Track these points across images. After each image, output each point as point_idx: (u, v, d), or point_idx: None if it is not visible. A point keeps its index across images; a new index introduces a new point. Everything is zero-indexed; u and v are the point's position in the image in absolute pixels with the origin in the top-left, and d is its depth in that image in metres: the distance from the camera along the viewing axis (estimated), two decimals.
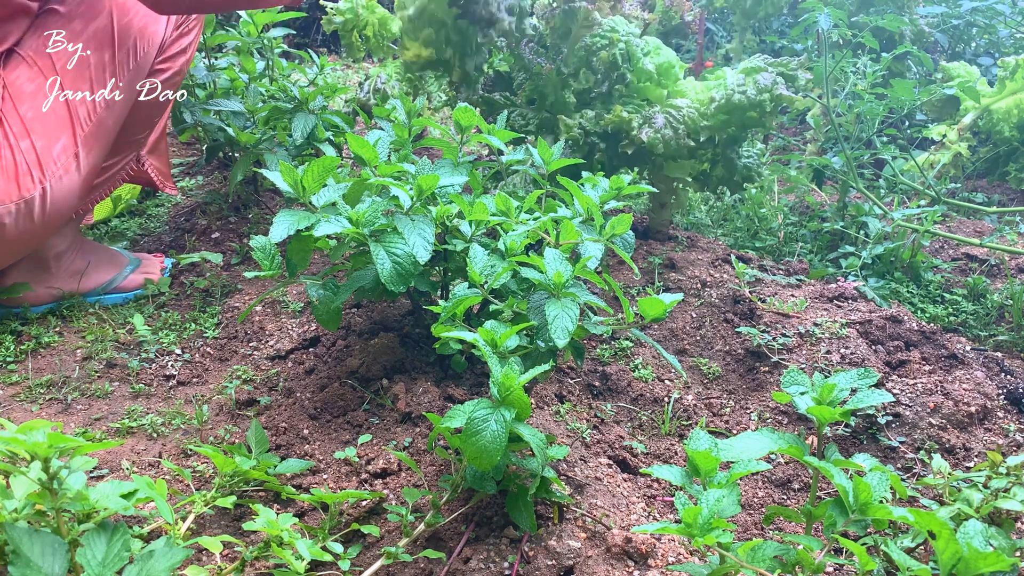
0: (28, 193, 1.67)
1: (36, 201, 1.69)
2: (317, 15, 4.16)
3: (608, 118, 2.10)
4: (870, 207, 2.60)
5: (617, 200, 1.57)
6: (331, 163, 1.39)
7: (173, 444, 1.52)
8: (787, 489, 1.53)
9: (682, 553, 1.22)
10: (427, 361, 1.68)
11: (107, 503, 0.93)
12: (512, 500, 1.23)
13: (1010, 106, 3.12)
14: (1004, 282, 2.32)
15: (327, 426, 1.54)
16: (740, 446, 1.09)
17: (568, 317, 1.26)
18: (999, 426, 1.64)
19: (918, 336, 1.89)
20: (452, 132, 1.71)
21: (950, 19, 3.92)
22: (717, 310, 2.00)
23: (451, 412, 1.16)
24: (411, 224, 1.39)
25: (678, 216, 2.74)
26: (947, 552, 0.89)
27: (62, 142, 1.73)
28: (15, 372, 1.72)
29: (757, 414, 1.70)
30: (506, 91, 2.35)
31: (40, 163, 1.69)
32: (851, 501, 1.00)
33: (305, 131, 2.15)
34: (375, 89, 2.75)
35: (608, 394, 1.75)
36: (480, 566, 1.17)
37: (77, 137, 1.75)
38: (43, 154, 1.70)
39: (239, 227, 2.36)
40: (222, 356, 1.84)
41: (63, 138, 1.73)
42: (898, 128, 3.51)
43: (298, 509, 1.33)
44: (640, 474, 1.51)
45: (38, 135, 1.69)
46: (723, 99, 2.08)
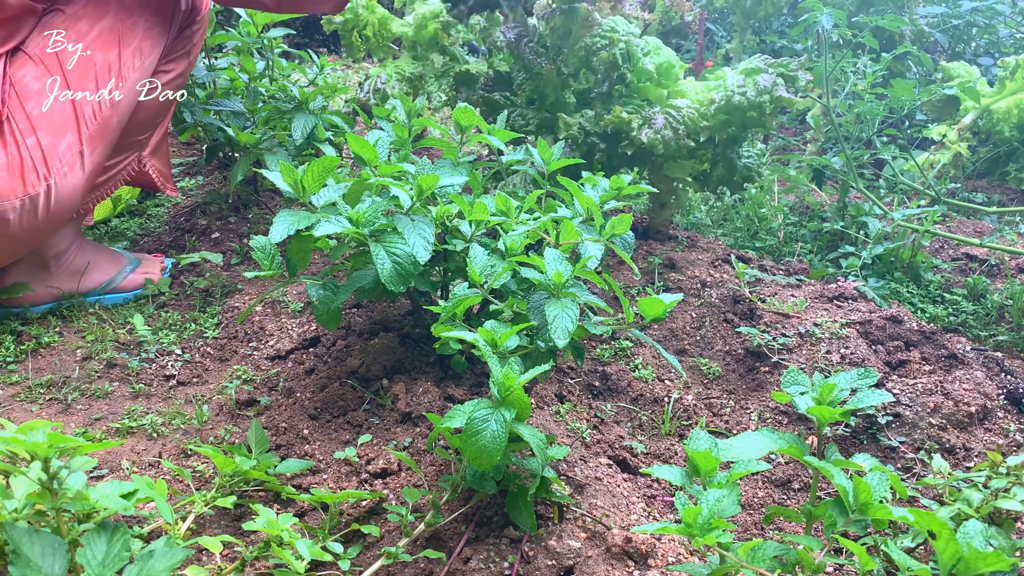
0: (33, 189, 1.69)
1: (41, 198, 1.71)
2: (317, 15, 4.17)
3: (608, 118, 2.10)
4: (870, 207, 2.60)
5: (617, 200, 1.57)
6: (331, 163, 1.39)
7: (173, 444, 1.52)
8: (787, 489, 1.53)
9: (682, 553, 1.22)
10: (427, 361, 1.68)
11: (107, 503, 0.93)
12: (512, 500, 1.23)
13: (1010, 106, 3.12)
14: (1004, 282, 2.32)
15: (327, 426, 1.54)
16: (740, 446, 1.09)
17: (568, 317, 1.26)
18: (999, 426, 1.64)
19: (918, 336, 1.89)
20: (452, 132, 1.71)
21: (950, 19, 3.92)
22: (717, 310, 2.00)
23: (451, 412, 1.16)
24: (411, 224, 1.39)
25: (678, 216, 2.74)
26: (947, 552, 0.89)
27: (67, 140, 1.74)
28: (15, 372, 1.72)
29: (757, 414, 1.70)
30: (506, 91, 2.35)
31: (45, 160, 1.70)
32: (851, 501, 1.00)
33: (305, 131, 2.15)
34: (375, 89, 2.75)
35: (608, 394, 1.75)
36: (480, 566, 1.17)
37: (82, 135, 1.76)
38: (48, 151, 1.71)
39: (239, 227, 2.36)
40: (222, 356, 1.84)
41: (68, 136, 1.74)
42: (898, 128, 3.52)
43: (298, 509, 1.33)
44: (640, 474, 1.51)
45: (44, 132, 1.71)
46: (723, 100, 2.08)
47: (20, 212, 1.69)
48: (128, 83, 1.83)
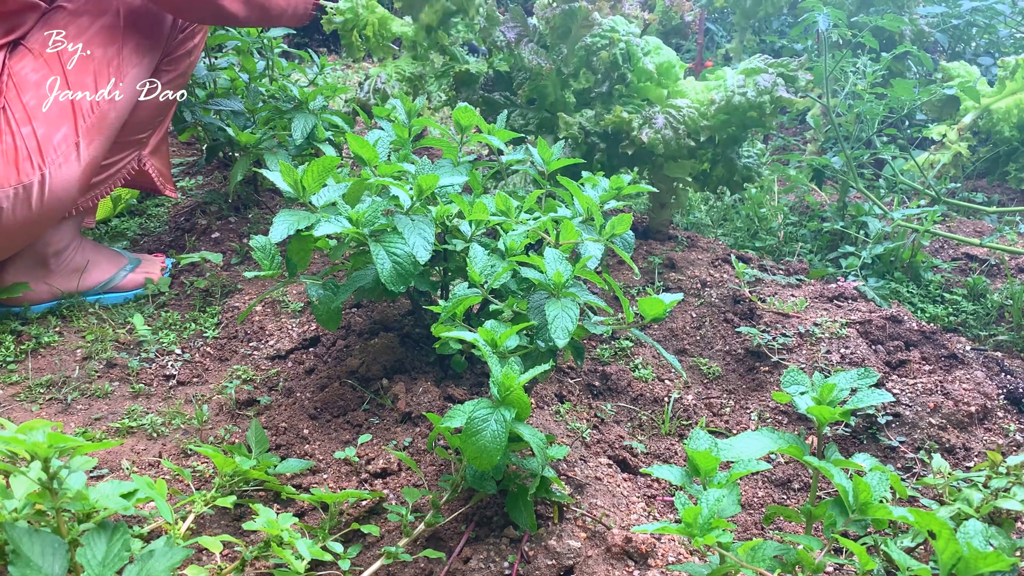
0: (27, 178, 1.70)
1: (35, 187, 1.71)
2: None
3: (608, 118, 2.09)
4: (870, 207, 2.60)
5: (617, 200, 1.57)
6: (331, 163, 1.39)
7: (173, 444, 1.52)
8: (787, 489, 1.53)
9: (682, 553, 1.22)
10: (427, 361, 1.68)
11: (107, 503, 0.93)
12: (512, 500, 1.23)
13: (1010, 106, 3.12)
14: (1004, 282, 2.32)
15: (327, 426, 1.54)
16: (740, 446, 1.09)
17: (568, 317, 1.26)
18: (999, 426, 1.64)
19: (918, 336, 1.89)
20: (452, 132, 1.71)
21: (950, 19, 3.92)
22: (717, 310, 2.00)
23: (451, 412, 1.16)
24: (411, 224, 1.39)
25: (678, 216, 2.74)
26: (947, 552, 0.89)
27: (63, 131, 1.75)
28: (15, 372, 1.72)
29: (757, 414, 1.70)
30: (506, 91, 2.35)
31: (40, 149, 1.71)
32: (851, 501, 1.00)
33: (305, 131, 2.15)
34: (375, 89, 2.75)
35: (608, 394, 1.75)
36: (480, 566, 1.17)
37: (79, 127, 1.77)
38: (44, 141, 1.72)
39: (239, 227, 2.36)
40: (222, 356, 1.84)
41: (64, 127, 1.75)
42: (898, 128, 3.51)
43: (298, 509, 1.33)
44: (640, 474, 1.51)
45: (40, 122, 1.72)
46: (723, 100, 2.08)
47: (13, 201, 1.69)
48: (127, 80, 1.84)
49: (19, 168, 1.69)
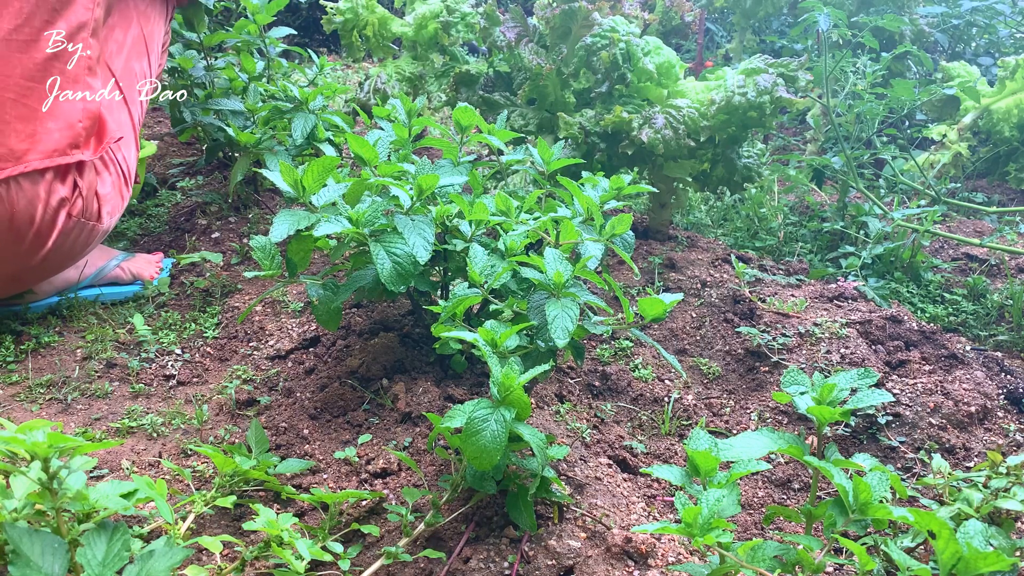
0: (125, 203, 1.84)
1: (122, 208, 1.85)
2: (317, 15, 4.17)
3: (608, 118, 2.10)
4: (870, 207, 2.60)
5: (617, 200, 1.57)
6: (331, 163, 1.39)
7: (173, 444, 1.52)
8: (787, 489, 1.53)
9: (682, 553, 1.22)
10: (427, 361, 1.68)
11: (107, 503, 0.93)
12: (512, 500, 1.23)
13: (1010, 106, 3.12)
14: (1004, 282, 2.32)
15: (327, 426, 1.54)
16: (740, 446, 1.09)
17: (568, 317, 1.26)
18: (999, 426, 1.64)
19: (918, 336, 1.89)
20: (452, 132, 1.71)
21: (950, 19, 3.92)
22: (717, 310, 2.00)
23: (451, 412, 1.16)
24: (411, 224, 1.39)
25: (678, 216, 2.74)
26: (947, 552, 0.89)
27: (132, 151, 1.86)
28: (15, 372, 1.72)
29: (757, 414, 1.70)
30: (506, 91, 2.35)
31: (127, 173, 1.83)
32: (851, 501, 1.00)
33: (305, 131, 2.15)
34: (375, 89, 2.75)
35: (608, 394, 1.75)
36: (480, 566, 1.17)
37: (135, 144, 1.88)
38: (127, 164, 1.83)
39: (239, 227, 2.36)
40: (222, 356, 1.84)
41: (132, 148, 1.86)
42: (898, 128, 3.52)
43: (298, 509, 1.33)
44: (640, 474, 1.51)
45: (123, 147, 1.82)
46: (723, 100, 2.08)
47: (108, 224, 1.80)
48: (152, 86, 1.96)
49: (123, 196, 1.81)
